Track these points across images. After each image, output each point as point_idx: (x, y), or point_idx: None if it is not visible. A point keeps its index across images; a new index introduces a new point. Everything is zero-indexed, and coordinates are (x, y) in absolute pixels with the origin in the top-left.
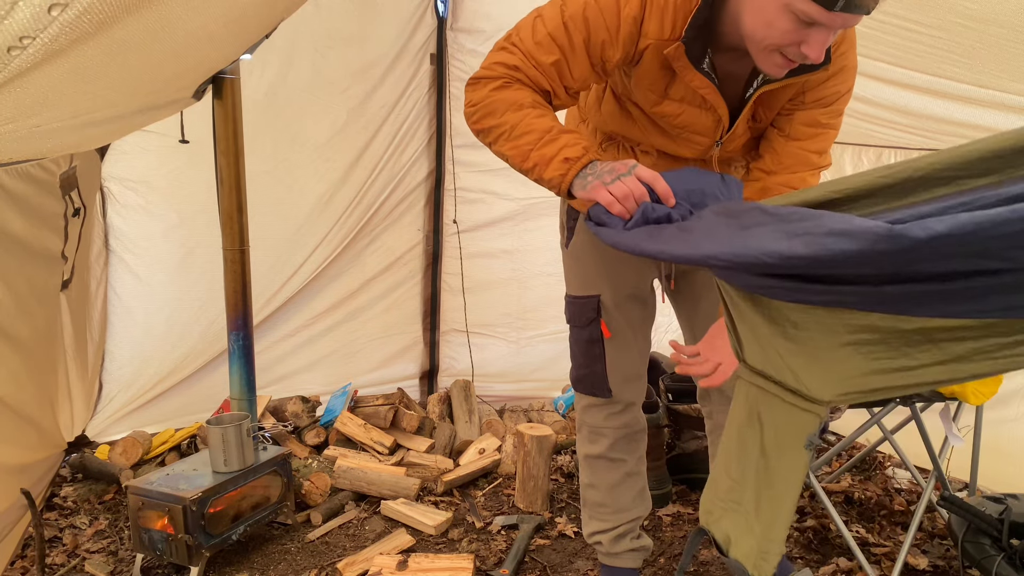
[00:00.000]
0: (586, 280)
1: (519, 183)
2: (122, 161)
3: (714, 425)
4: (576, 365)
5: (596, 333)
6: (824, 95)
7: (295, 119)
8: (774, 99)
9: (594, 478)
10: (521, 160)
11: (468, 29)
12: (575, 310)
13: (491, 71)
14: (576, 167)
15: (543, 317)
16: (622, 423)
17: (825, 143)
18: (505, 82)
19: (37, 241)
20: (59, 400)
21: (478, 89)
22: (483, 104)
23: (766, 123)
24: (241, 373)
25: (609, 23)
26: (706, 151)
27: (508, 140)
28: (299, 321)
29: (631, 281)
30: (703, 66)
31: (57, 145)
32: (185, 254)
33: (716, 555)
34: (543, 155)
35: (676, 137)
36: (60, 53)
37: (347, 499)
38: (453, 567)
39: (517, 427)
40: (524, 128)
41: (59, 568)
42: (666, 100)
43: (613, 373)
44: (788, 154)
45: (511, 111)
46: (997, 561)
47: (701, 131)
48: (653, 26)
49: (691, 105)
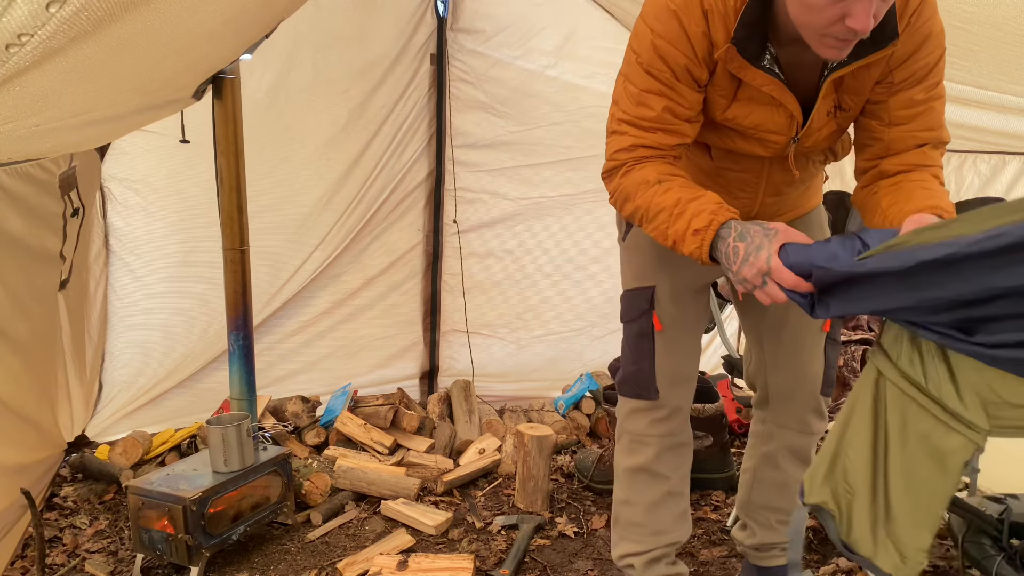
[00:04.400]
0: (642, 271)
1: (519, 183)
2: (122, 161)
3: (765, 453)
4: (624, 365)
5: (647, 326)
6: (914, 71)
7: (295, 119)
8: (858, 84)
9: (631, 493)
10: (663, 239)
11: (468, 29)
12: (627, 303)
13: (614, 160)
14: (708, 237)
15: (543, 317)
16: (667, 431)
17: (932, 119)
18: (629, 166)
19: (36, 241)
20: (58, 400)
21: (611, 180)
22: (619, 193)
23: (855, 111)
24: (241, 373)
25: (683, 49)
26: (783, 148)
27: (647, 223)
28: (299, 321)
29: (692, 273)
30: (763, 63)
31: (57, 144)
32: (185, 254)
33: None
34: (676, 231)
35: (751, 138)
36: (59, 51)
37: (347, 499)
38: (453, 567)
39: (517, 427)
40: (655, 208)
41: (59, 568)
42: (734, 103)
43: (662, 372)
44: (895, 140)
45: (640, 193)
46: (997, 561)
47: (773, 129)
48: (720, 35)
49: (759, 104)
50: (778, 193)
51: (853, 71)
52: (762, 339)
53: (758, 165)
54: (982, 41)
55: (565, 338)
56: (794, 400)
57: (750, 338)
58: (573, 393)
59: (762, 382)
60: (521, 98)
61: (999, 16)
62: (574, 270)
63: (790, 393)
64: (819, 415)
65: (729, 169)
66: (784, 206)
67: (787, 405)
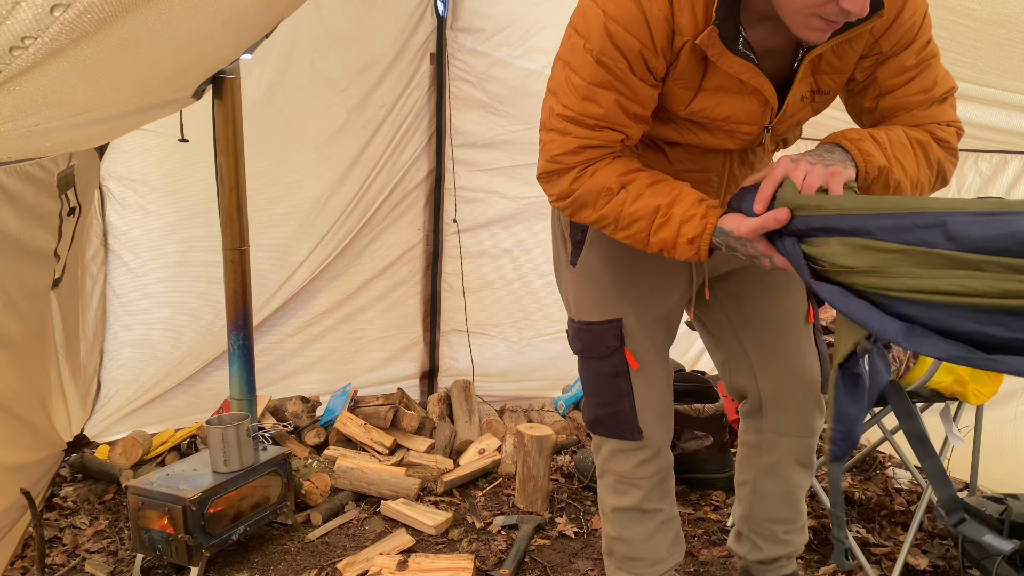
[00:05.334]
0: (603, 302)
1: (519, 182)
2: (121, 160)
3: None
4: (594, 404)
5: (620, 364)
6: (900, 36)
7: (295, 119)
8: (840, 61)
9: (624, 531)
10: (643, 246)
11: (468, 28)
12: (590, 338)
13: (558, 164)
14: (705, 243)
15: (543, 317)
16: (656, 469)
17: (927, 78)
18: (579, 171)
19: (31, 240)
20: (52, 400)
21: (554, 183)
22: (572, 200)
23: (835, 92)
24: (241, 373)
25: (640, 35)
26: (755, 139)
27: (618, 230)
28: (299, 321)
29: (659, 299)
30: (739, 47)
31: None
32: (184, 253)
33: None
34: (663, 240)
35: (718, 130)
36: (60, 52)
37: (347, 499)
38: (453, 567)
39: (517, 427)
40: (628, 217)
41: (59, 568)
42: (700, 94)
43: (644, 411)
44: (888, 108)
45: (603, 201)
46: (997, 561)
47: (746, 119)
48: (686, 20)
49: (729, 93)
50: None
51: (833, 47)
52: (743, 344)
53: (720, 162)
54: (985, 37)
55: (565, 338)
56: (793, 402)
57: (726, 350)
58: (573, 393)
59: (752, 391)
60: (521, 97)
61: (1003, 12)
62: None
63: (787, 395)
64: (821, 412)
65: (690, 171)
66: None
67: (786, 410)
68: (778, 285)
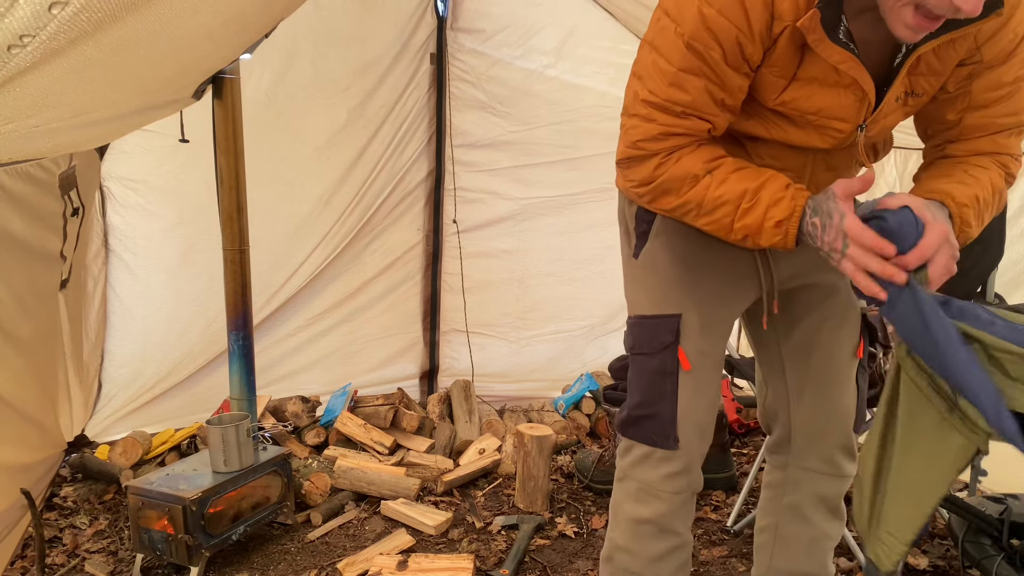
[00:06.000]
0: (664, 296)
1: (519, 183)
2: (122, 160)
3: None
4: (632, 404)
5: (670, 363)
6: (1004, 45)
7: (295, 119)
8: (941, 63)
9: (633, 544)
10: (725, 233)
11: (468, 29)
12: (643, 333)
13: (640, 150)
14: (793, 226)
15: (543, 317)
16: (684, 485)
17: (1018, 102)
18: (663, 157)
19: (37, 241)
20: (59, 400)
21: (636, 169)
22: (654, 187)
23: (928, 97)
24: (241, 373)
25: (736, 20)
26: (846, 138)
27: (700, 216)
28: (299, 321)
29: (725, 302)
30: (839, 35)
31: (57, 144)
32: (184, 253)
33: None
34: (748, 226)
35: (807, 126)
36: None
37: (347, 499)
38: (453, 567)
39: (517, 427)
40: (712, 202)
41: (59, 568)
42: (793, 84)
43: (685, 420)
44: (971, 127)
45: (687, 187)
46: (997, 561)
47: (840, 115)
48: (787, 4)
49: (823, 85)
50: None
51: (935, 48)
52: (784, 366)
53: (802, 163)
54: None
55: (565, 338)
56: (823, 438)
57: (767, 369)
58: (573, 393)
59: (784, 419)
60: (521, 98)
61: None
62: (574, 270)
63: (819, 429)
64: (850, 455)
65: (770, 169)
66: None
67: (814, 444)
68: (835, 312)
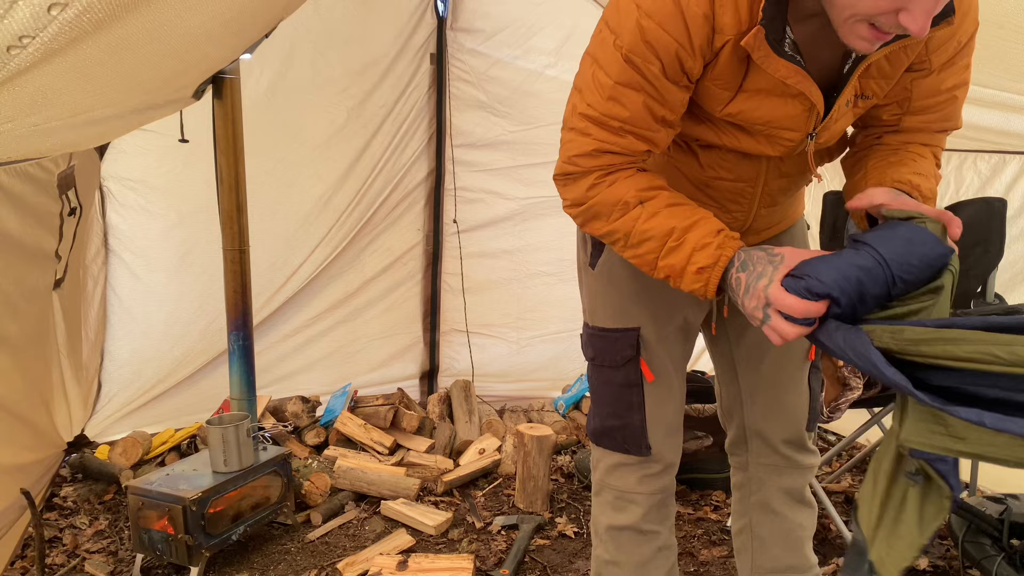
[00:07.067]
0: (621, 309)
1: (519, 183)
2: (121, 160)
3: (757, 502)
4: (602, 415)
5: (634, 376)
6: (951, 52)
7: (295, 119)
8: (892, 68)
9: (618, 554)
10: (649, 269)
11: (468, 29)
12: (604, 346)
13: (575, 166)
14: (715, 276)
15: (543, 317)
16: (659, 487)
17: (953, 109)
18: (597, 177)
19: (31, 240)
20: (54, 400)
21: (570, 187)
22: (585, 208)
23: (878, 99)
24: (241, 373)
25: (676, 33)
26: (796, 147)
27: (627, 248)
28: (299, 321)
29: (681, 309)
30: (784, 48)
31: (56, 144)
32: (184, 253)
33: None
34: (671, 266)
35: (758, 135)
36: (59, 52)
37: (347, 499)
38: (453, 567)
39: (517, 427)
40: (639, 235)
41: (59, 568)
42: (739, 95)
43: (655, 426)
44: (912, 129)
45: (617, 214)
46: (997, 561)
47: (788, 125)
48: (728, 18)
49: (771, 95)
50: (773, 203)
51: (887, 54)
52: (737, 371)
53: (755, 172)
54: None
55: (565, 338)
56: (775, 437)
57: (720, 371)
58: (573, 393)
59: (738, 420)
60: (521, 98)
61: (1001, 13)
62: (574, 270)
63: (771, 431)
64: (803, 449)
65: (722, 179)
66: (775, 217)
67: (767, 444)
68: None
